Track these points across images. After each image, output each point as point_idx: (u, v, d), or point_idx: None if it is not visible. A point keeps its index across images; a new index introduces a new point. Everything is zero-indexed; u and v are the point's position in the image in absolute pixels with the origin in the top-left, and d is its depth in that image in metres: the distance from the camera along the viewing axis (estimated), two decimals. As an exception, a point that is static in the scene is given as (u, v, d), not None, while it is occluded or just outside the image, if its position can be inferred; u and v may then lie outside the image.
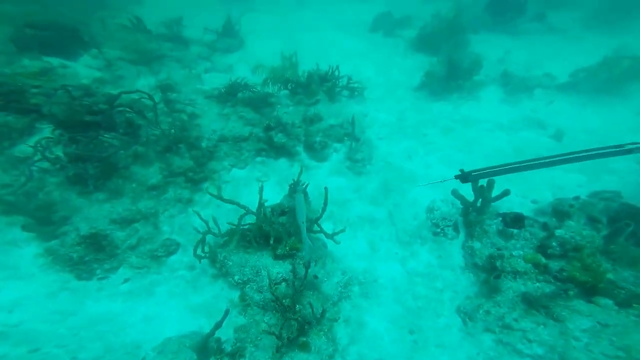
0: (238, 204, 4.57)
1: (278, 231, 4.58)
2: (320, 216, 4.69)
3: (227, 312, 3.87)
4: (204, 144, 6.06)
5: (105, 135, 5.33)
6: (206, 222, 4.72)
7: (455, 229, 5.22)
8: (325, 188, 4.60)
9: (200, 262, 4.82)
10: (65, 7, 11.73)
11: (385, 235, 5.38)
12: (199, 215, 4.75)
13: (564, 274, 4.16)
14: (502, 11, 14.34)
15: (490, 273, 4.53)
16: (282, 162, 6.53)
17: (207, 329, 4.11)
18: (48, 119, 5.31)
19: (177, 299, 4.61)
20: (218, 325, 3.86)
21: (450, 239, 5.15)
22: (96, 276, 4.79)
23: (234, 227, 4.64)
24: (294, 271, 4.38)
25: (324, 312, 4.23)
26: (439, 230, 5.21)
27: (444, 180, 4.59)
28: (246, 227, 4.75)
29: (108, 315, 4.37)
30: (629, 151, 3.74)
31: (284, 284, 4.40)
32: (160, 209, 5.46)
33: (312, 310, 4.10)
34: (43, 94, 5.55)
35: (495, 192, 4.86)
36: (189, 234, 5.23)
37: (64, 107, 5.21)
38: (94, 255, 4.80)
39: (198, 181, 5.87)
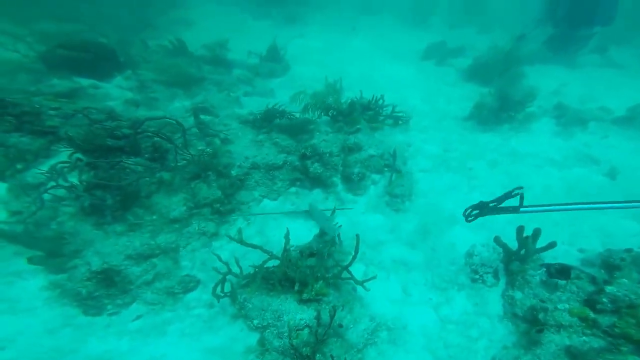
0: (261, 249, 4.73)
1: (304, 275, 4.70)
2: (350, 264, 4.76)
3: None
4: (234, 172, 6.32)
5: (128, 161, 5.51)
6: (226, 264, 4.81)
7: (495, 276, 5.18)
8: (357, 235, 4.69)
9: (219, 301, 4.88)
10: (112, 26, 12.65)
11: (420, 280, 5.39)
12: (219, 258, 4.83)
13: (616, 330, 4.03)
14: (564, 45, 14.75)
15: (531, 324, 4.52)
16: (317, 193, 6.72)
17: None
18: (66, 142, 5.45)
19: (190, 339, 4.71)
20: None
21: (489, 287, 5.12)
22: (106, 312, 4.89)
23: (256, 270, 4.78)
24: (318, 318, 4.48)
25: (345, 364, 4.30)
26: (477, 276, 5.19)
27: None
28: (270, 268, 4.86)
29: (111, 354, 4.46)
30: None
31: (306, 330, 4.50)
32: (182, 243, 5.61)
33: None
34: (61, 116, 5.85)
35: (541, 242, 4.85)
36: (210, 270, 5.30)
37: (83, 130, 5.40)
38: (105, 290, 4.90)
39: (225, 213, 6.08)
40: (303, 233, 5.72)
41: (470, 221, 4.89)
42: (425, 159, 7.95)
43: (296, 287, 4.66)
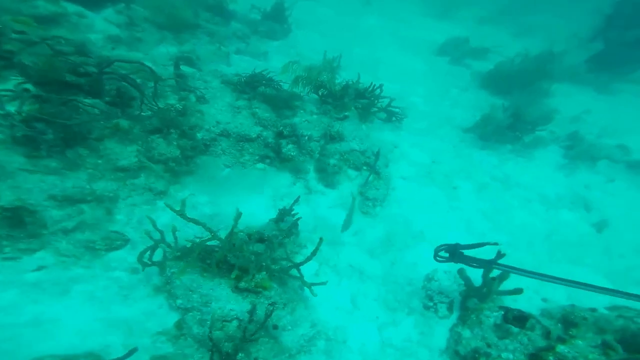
0: (204, 226, 4.07)
1: (247, 262, 4.17)
2: (303, 263, 4.28)
3: (132, 351, 3.36)
4: (200, 135, 5.68)
5: (86, 102, 4.82)
6: (161, 232, 4.26)
7: (450, 308, 4.79)
8: (321, 239, 4.16)
9: (144, 269, 4.26)
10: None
11: (372, 293, 4.96)
12: (153, 223, 4.22)
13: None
14: (611, 66, 13.07)
15: None
16: (285, 176, 6.13)
17: (116, 352, 3.49)
18: (18, 70, 4.79)
19: (96, 305, 3.97)
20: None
21: (439, 317, 4.75)
22: (2, 254, 4.06)
23: (193, 246, 4.19)
24: (252, 312, 4.08)
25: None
26: (431, 304, 4.80)
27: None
28: (210, 247, 4.31)
29: None
30: None
31: (235, 322, 3.96)
32: (122, 195, 4.95)
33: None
34: (23, 41, 5.06)
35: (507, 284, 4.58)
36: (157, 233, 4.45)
37: (41, 61, 4.73)
38: (7, 230, 4.10)
39: (180, 174, 5.49)
40: (260, 213, 5.21)
41: (438, 261, 4.60)
42: (410, 165, 7.33)
43: (233, 274, 4.10)
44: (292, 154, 6.06)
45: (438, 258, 4.59)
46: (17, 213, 4.14)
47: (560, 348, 4.10)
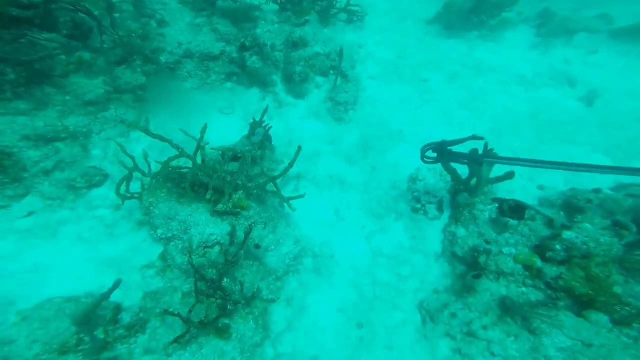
0: (170, 143, 3.30)
1: (221, 182, 3.42)
2: (280, 176, 3.53)
3: (117, 284, 2.83)
4: (163, 58, 4.72)
5: (42, 36, 3.91)
6: (132, 157, 3.53)
7: (440, 207, 4.07)
8: (299, 147, 3.41)
9: (123, 202, 3.66)
10: None
11: (356, 202, 4.22)
12: (122, 148, 3.49)
13: (560, 282, 3.13)
14: None
15: (470, 267, 3.57)
16: (254, 92, 5.17)
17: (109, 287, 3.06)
18: None
19: (84, 246, 3.52)
20: (104, 297, 2.84)
21: (430, 219, 4.03)
22: None
23: (162, 165, 3.43)
24: (232, 234, 3.32)
25: (257, 292, 3.22)
26: (419, 206, 4.06)
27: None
28: (184, 170, 3.64)
29: None
30: None
31: (217, 247, 3.39)
32: (95, 129, 4.22)
33: (242, 288, 3.09)
34: None
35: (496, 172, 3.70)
36: (129, 161, 3.88)
37: None
38: None
39: (150, 101, 4.58)
40: (233, 134, 4.36)
41: (426, 162, 3.73)
42: (376, 64, 6.28)
43: (208, 195, 3.45)
44: (256, 65, 5.03)
45: (425, 159, 3.75)
46: (-6, 156, 3.65)
47: (567, 234, 3.41)
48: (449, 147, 3.65)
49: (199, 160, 3.42)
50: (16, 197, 3.69)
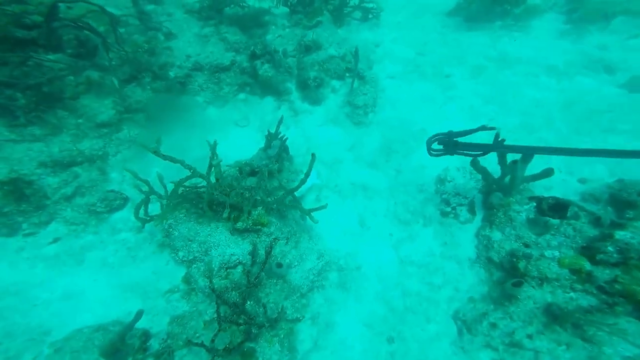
0: (182, 163, 3.11)
1: (239, 199, 3.24)
2: (298, 187, 3.32)
3: (139, 315, 2.73)
4: (172, 73, 4.58)
5: (48, 57, 3.83)
6: (146, 182, 3.35)
7: (471, 209, 3.72)
8: (313, 155, 3.23)
9: (143, 226, 3.57)
10: None
11: (381, 210, 3.93)
12: (134, 174, 3.25)
13: (617, 286, 2.76)
14: None
15: (508, 274, 3.23)
16: (268, 102, 4.96)
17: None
18: None
19: (109, 271, 3.46)
20: (128, 328, 2.79)
21: (461, 223, 3.69)
22: (22, 231, 3.57)
23: (173, 189, 3.29)
24: (253, 254, 3.15)
25: (281, 312, 3.04)
26: (449, 209, 3.73)
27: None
28: (201, 190, 3.44)
29: (23, 286, 3.27)
30: None
31: (239, 268, 3.22)
32: (111, 151, 4.14)
33: (266, 311, 2.92)
34: None
35: (532, 169, 3.35)
36: (144, 185, 3.72)
37: None
38: (15, 206, 3.53)
39: (164, 119, 4.49)
40: (250, 146, 4.16)
41: (433, 155, 3.43)
42: (395, 63, 5.78)
43: (225, 214, 3.26)
44: (269, 74, 4.79)
45: (432, 152, 3.44)
46: (16, 186, 3.57)
47: (621, 234, 2.99)
48: (456, 139, 3.33)
49: (213, 179, 3.29)
50: (41, 225, 3.69)
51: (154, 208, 3.52)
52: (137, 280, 3.39)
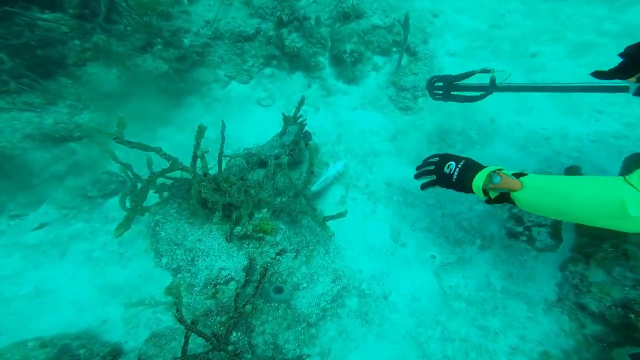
0: (158, 151, 2.26)
1: (239, 198, 2.35)
2: (305, 184, 2.38)
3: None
4: (187, 41, 3.67)
5: (44, 16, 3.11)
6: (128, 166, 2.62)
7: (555, 233, 2.44)
8: (314, 144, 2.54)
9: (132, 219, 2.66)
10: None
11: (422, 222, 2.79)
12: (113, 155, 2.55)
13: None
14: None
15: (616, 331, 2.04)
16: (297, 78, 3.87)
17: (114, 328, 2.42)
18: None
19: (92, 268, 2.73)
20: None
21: (538, 250, 2.47)
22: (8, 212, 2.98)
23: (147, 188, 2.39)
24: (248, 270, 2.28)
25: (278, 348, 2.16)
26: (521, 229, 2.49)
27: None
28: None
29: None
30: None
31: (233, 285, 2.35)
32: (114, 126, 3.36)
33: (252, 351, 2.05)
34: None
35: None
36: (153, 166, 2.88)
37: None
38: None
39: (178, 93, 3.66)
40: (273, 130, 3.12)
41: (436, 99, 2.64)
42: (458, 37, 4.11)
43: (216, 219, 2.42)
44: (297, 45, 3.69)
45: (436, 95, 2.65)
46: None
47: None
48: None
49: (200, 172, 2.41)
50: (30, 205, 3.03)
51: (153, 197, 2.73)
52: (120, 281, 2.64)
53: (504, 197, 1.69)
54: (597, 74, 1.78)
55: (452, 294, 2.46)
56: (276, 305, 2.36)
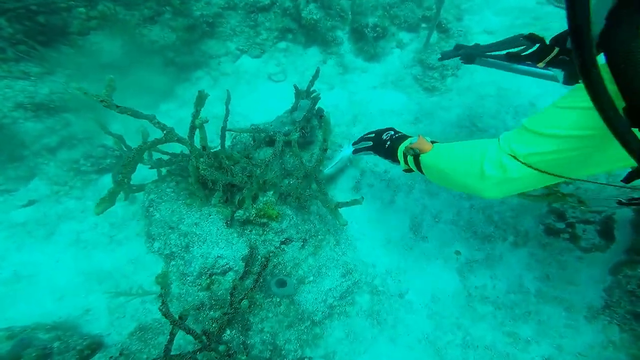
0: (151, 119, 1.93)
1: (243, 178, 2.04)
2: (317, 166, 2.10)
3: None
4: (197, 11, 3.32)
5: None
6: (119, 138, 2.37)
7: (606, 232, 2.06)
8: (325, 114, 2.05)
9: (127, 197, 2.35)
10: None
11: (447, 214, 2.43)
12: (103, 128, 2.31)
13: None
14: None
15: None
16: (313, 53, 3.50)
17: (98, 320, 2.21)
18: None
19: (79, 251, 2.50)
20: None
21: (583, 250, 2.10)
22: None
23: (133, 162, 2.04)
24: (249, 260, 1.99)
25: (277, 349, 1.88)
26: (562, 225, 2.12)
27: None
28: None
29: None
30: None
31: (230, 276, 2.06)
32: (115, 99, 3.05)
33: (246, 352, 1.78)
34: None
35: None
36: (150, 138, 2.61)
37: None
38: None
39: (185, 66, 3.37)
40: (284, 106, 2.76)
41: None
42: (499, 13, 3.54)
43: (215, 200, 2.11)
44: (314, 16, 3.29)
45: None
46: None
47: None
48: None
49: (198, 145, 2.11)
50: (20, 180, 2.81)
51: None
52: (108, 267, 2.42)
53: (417, 163, 1.59)
54: (509, 57, 1.76)
55: (478, 295, 2.14)
56: (278, 300, 2.07)
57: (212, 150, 2.10)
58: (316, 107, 2.58)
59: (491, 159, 1.16)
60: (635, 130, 0.78)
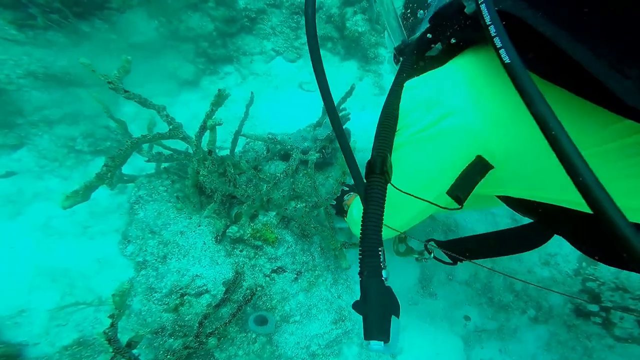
0: (159, 110, 1.70)
1: (246, 192, 1.76)
2: (333, 193, 1.82)
3: None
4: (242, 3, 3.10)
5: None
6: (122, 123, 1.97)
7: None
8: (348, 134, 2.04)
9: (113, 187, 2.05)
10: None
11: (462, 272, 2.08)
12: (110, 114, 1.94)
13: None
14: None
15: None
16: (349, 67, 3.22)
17: (33, 322, 1.80)
18: None
19: (41, 239, 2.10)
20: None
21: (617, 339, 1.75)
22: None
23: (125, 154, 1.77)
24: (230, 286, 1.68)
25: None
26: (595, 308, 1.77)
27: None
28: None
29: None
30: None
31: (205, 299, 1.73)
32: (137, 81, 2.75)
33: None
34: None
35: None
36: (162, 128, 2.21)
37: None
38: None
39: (216, 59, 3.11)
40: (311, 117, 2.54)
41: None
42: None
43: (207, 211, 1.83)
44: (359, 29, 3.05)
45: None
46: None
47: None
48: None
49: (205, 148, 1.83)
50: (5, 147, 2.44)
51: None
52: (68, 263, 2.02)
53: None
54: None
55: (485, 363, 1.86)
56: (254, 337, 1.76)
57: (219, 155, 1.83)
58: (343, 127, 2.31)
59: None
60: None
